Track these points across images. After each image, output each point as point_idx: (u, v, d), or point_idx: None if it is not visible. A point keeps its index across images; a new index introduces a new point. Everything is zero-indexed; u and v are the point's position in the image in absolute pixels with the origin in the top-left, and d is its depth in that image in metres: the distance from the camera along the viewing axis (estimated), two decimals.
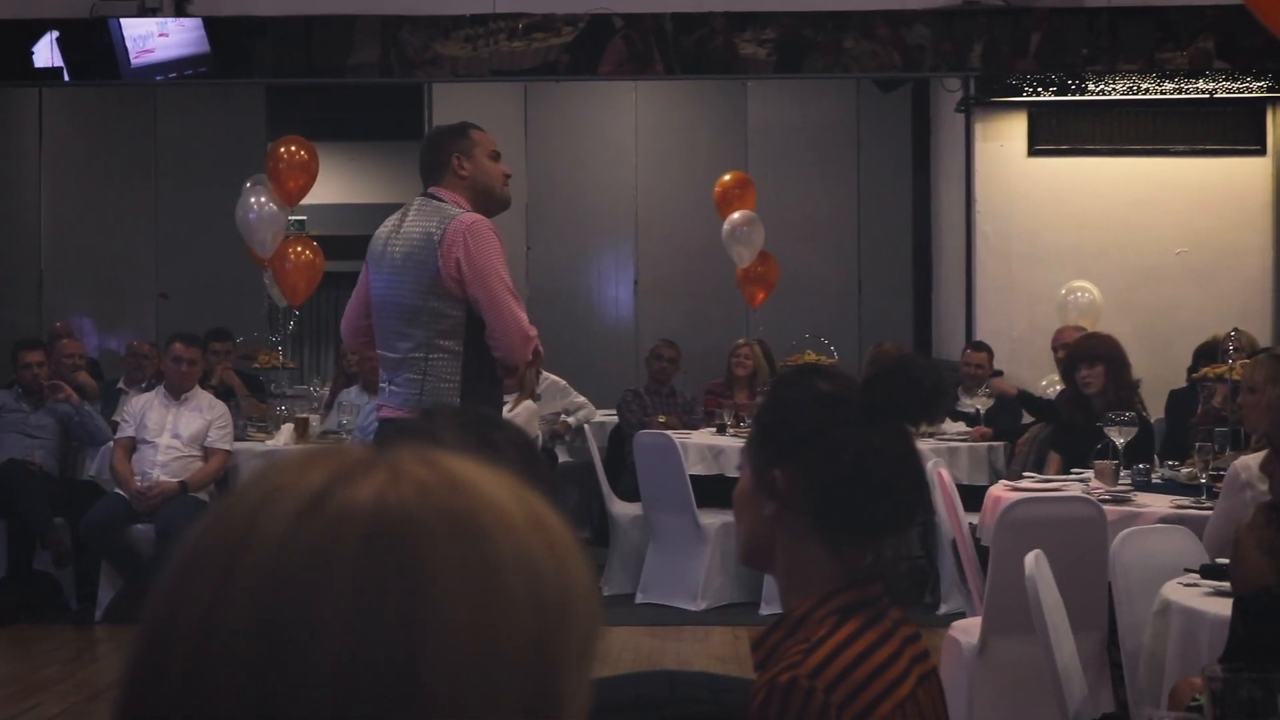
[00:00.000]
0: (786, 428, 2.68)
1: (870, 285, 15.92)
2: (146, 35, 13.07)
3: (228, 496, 1.11)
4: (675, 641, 9.82)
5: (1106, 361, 8.81)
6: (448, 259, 6.04)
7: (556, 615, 1.08)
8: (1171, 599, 5.19)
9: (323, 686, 1.00)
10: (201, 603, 1.04)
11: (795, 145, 15.93)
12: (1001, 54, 12.95)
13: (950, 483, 8.05)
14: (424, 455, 1.11)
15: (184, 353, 10.79)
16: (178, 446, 10.62)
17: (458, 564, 1.05)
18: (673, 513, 10.74)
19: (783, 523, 2.65)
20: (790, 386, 2.76)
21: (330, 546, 1.04)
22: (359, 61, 13.21)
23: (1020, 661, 6.33)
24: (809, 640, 2.53)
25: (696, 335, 14.48)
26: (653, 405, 12.38)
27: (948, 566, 9.77)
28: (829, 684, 2.44)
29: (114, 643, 9.92)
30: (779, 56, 13.11)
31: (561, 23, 13.11)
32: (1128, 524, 6.59)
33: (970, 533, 7.78)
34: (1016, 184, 13.16)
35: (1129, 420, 8.01)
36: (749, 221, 14.01)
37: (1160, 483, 8.09)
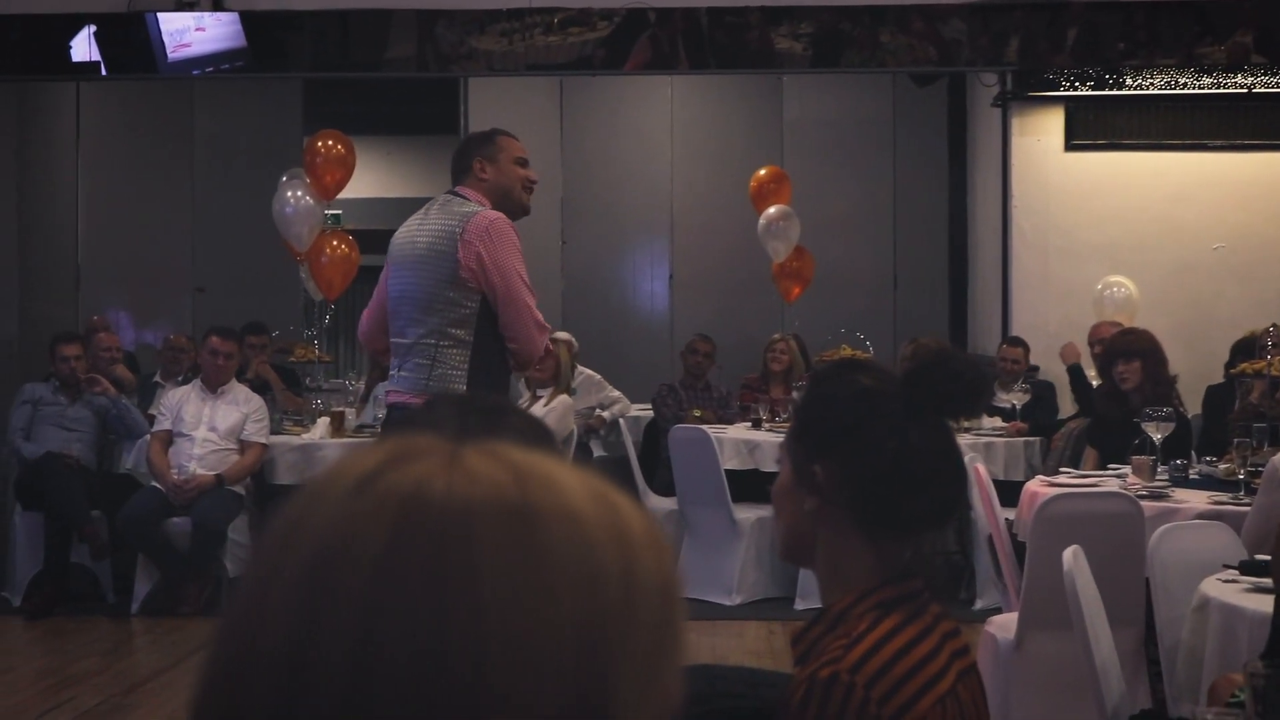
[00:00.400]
0: (826, 422, 2.67)
1: (905, 280, 15.89)
2: (183, 29, 13.10)
3: (323, 496, 1.10)
4: (710, 636, 9.81)
5: (1143, 357, 8.78)
6: (468, 252, 6.26)
7: (615, 606, 1.07)
8: (1210, 595, 5.17)
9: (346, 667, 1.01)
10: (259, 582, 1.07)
11: (831, 140, 15.91)
12: (1038, 48, 12.91)
13: (987, 478, 8.04)
14: (491, 445, 1.11)
15: (220, 346, 10.82)
16: (214, 440, 10.65)
17: (497, 548, 1.05)
18: (708, 507, 10.74)
19: (823, 518, 2.65)
20: (830, 381, 2.75)
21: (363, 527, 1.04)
22: (395, 56, 13.22)
23: (1057, 657, 6.31)
24: (849, 635, 2.53)
25: (731, 330, 14.48)
26: (688, 400, 12.38)
27: (983, 562, 9.75)
28: (869, 679, 2.43)
29: (151, 635, 9.96)
30: (815, 51, 13.09)
31: (597, 17, 13.10)
32: (1165, 520, 6.57)
33: (1007, 528, 7.76)
34: (1053, 179, 13.13)
35: (1166, 416, 7.98)
36: (785, 216, 13.99)
37: (1198, 478, 8.06)
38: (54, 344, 11.16)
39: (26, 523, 10.72)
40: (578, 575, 1.07)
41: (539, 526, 1.07)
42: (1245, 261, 12.93)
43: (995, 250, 13.58)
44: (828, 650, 2.52)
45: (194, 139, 16.13)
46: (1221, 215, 12.96)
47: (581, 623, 1.05)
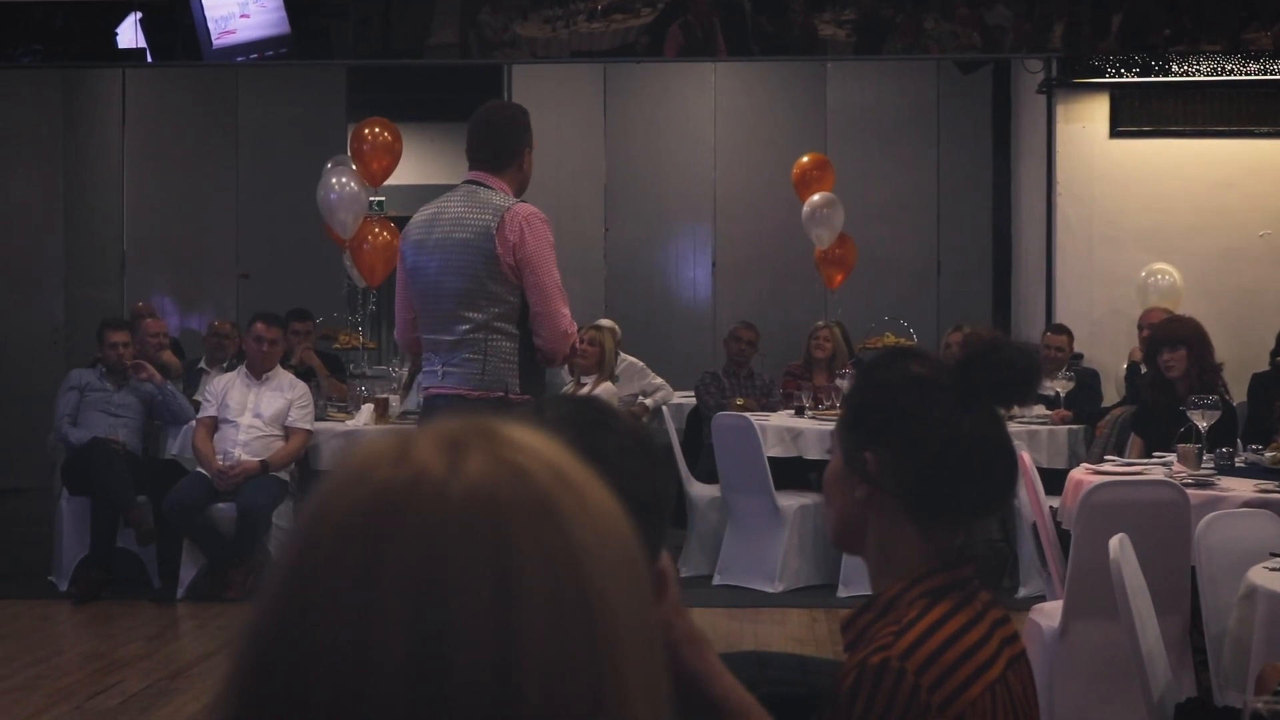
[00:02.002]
0: (879, 410, 2.67)
1: (949, 267, 15.86)
2: (228, 16, 13.15)
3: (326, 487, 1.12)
4: (753, 623, 9.82)
5: (1189, 345, 8.75)
6: (505, 246, 6.24)
7: (632, 602, 1.11)
8: (1257, 583, 5.16)
9: (485, 660, 1.03)
10: (347, 593, 1.06)
11: (874, 127, 15.88)
12: (1083, 34, 12.87)
13: (1031, 466, 8.03)
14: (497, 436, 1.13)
15: (265, 333, 10.86)
16: (259, 426, 10.68)
17: (584, 539, 1.08)
18: (751, 495, 10.74)
19: (874, 505, 2.65)
20: (882, 369, 2.74)
21: (469, 526, 1.06)
22: (438, 43, 13.24)
23: (1102, 645, 6.31)
24: (900, 622, 2.54)
25: (774, 317, 14.48)
26: (731, 387, 12.37)
27: (1026, 549, 9.74)
28: (919, 666, 2.44)
29: (196, 620, 10.01)
30: (858, 38, 13.08)
31: (640, 3, 13.11)
32: (1211, 508, 6.56)
33: (1051, 516, 7.75)
34: (1098, 166, 13.08)
35: (1211, 404, 7.96)
36: (829, 203, 13.96)
37: (1244, 466, 8.03)
38: (102, 330, 11.20)
39: (73, 508, 10.77)
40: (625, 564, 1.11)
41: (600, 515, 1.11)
42: None
43: (1039, 237, 13.54)
44: (878, 637, 2.53)
45: (238, 126, 16.19)
46: (1267, 202, 12.90)
47: (606, 614, 1.09)
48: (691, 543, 11.28)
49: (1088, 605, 6.42)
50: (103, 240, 16.02)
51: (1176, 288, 12.55)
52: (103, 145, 16.13)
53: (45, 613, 10.18)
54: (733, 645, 8.93)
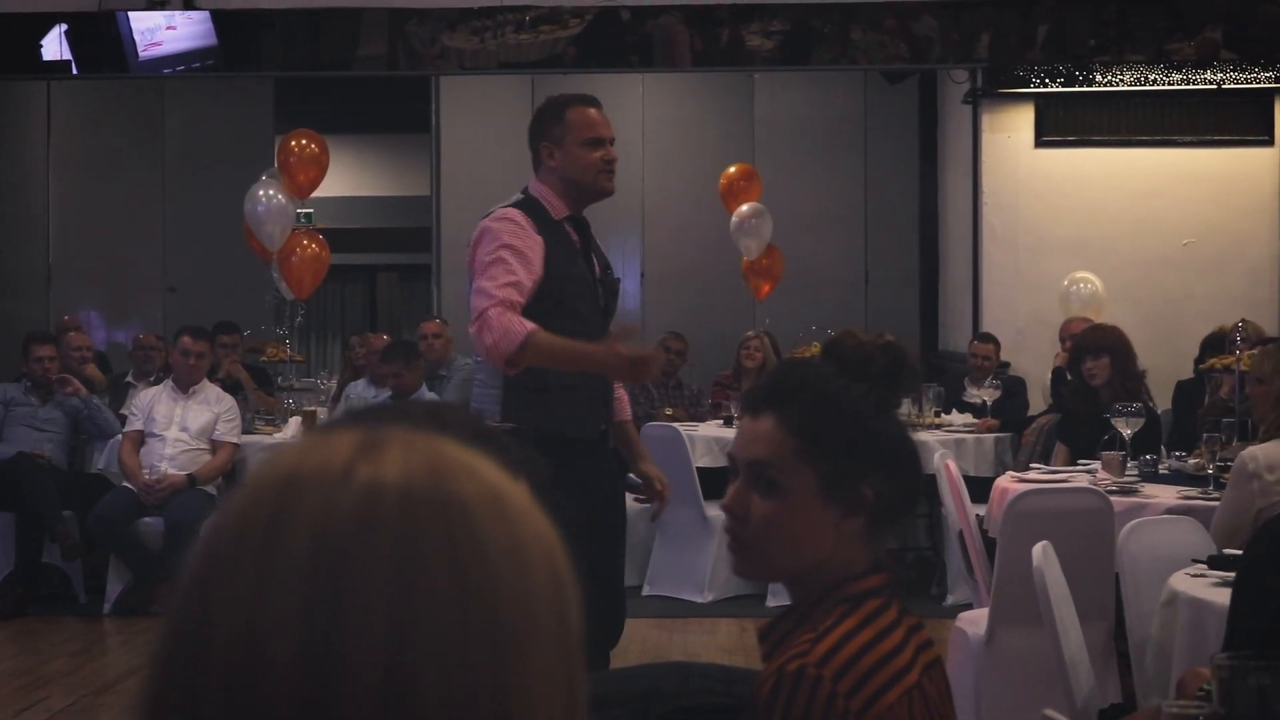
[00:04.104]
0: (867, 441, 2.63)
1: (877, 276, 15.91)
2: (154, 28, 13.09)
3: (241, 487, 1.12)
4: (682, 634, 9.83)
5: (1112, 353, 8.80)
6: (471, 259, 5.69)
7: (569, 596, 1.12)
8: (1179, 590, 5.20)
9: (376, 652, 1.03)
10: (243, 587, 1.05)
11: (802, 137, 15.92)
12: (1009, 45, 12.96)
13: (957, 474, 8.06)
14: (418, 437, 1.14)
15: (192, 346, 10.81)
16: (186, 439, 10.63)
17: (495, 539, 1.09)
18: (680, 505, 10.73)
19: (848, 531, 2.64)
20: (846, 396, 2.65)
21: (370, 518, 1.06)
22: (366, 54, 13.22)
23: (1027, 652, 6.34)
24: (816, 629, 2.54)
25: (703, 327, 14.49)
26: (660, 397, 12.38)
27: (954, 558, 9.78)
28: (836, 672, 2.44)
29: (123, 635, 9.95)
30: (786, 48, 13.12)
31: (569, 15, 13.12)
32: (1135, 515, 6.60)
33: (977, 524, 7.79)
34: (1024, 175, 13.16)
35: (1135, 411, 8.01)
36: (758, 214, 13.99)
37: (1167, 474, 8.09)
38: (27, 344, 11.13)
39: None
40: (546, 567, 1.11)
41: (513, 518, 1.11)
42: (1214, 257, 12.98)
43: (966, 246, 13.62)
44: (795, 644, 2.53)
45: (165, 138, 16.11)
46: (1191, 211, 13.00)
47: (557, 609, 1.11)
48: None
49: (1013, 612, 6.45)
50: (28, 253, 15.90)
51: (1099, 296, 12.63)
52: (28, 158, 16.02)
53: None
54: (661, 655, 8.94)
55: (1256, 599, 4.03)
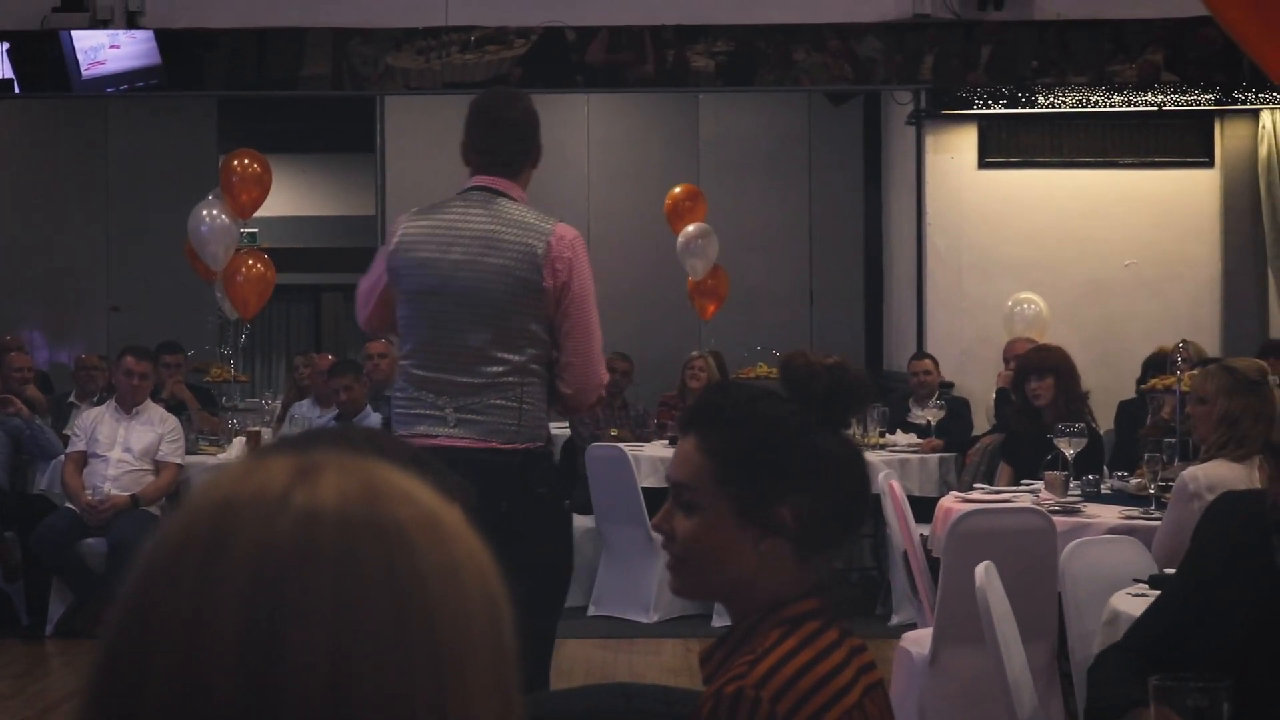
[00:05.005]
0: (785, 464, 2.64)
1: (822, 297, 15.96)
2: (98, 47, 13.03)
3: (178, 511, 1.12)
4: (628, 654, 9.83)
5: (1056, 373, 8.85)
6: (555, 278, 5.29)
7: (504, 616, 1.13)
8: (1120, 609, 5.22)
9: (318, 678, 1.03)
10: (181, 612, 1.05)
11: (747, 158, 15.96)
12: (952, 67, 13.01)
13: (901, 494, 8.08)
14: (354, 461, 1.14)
15: (135, 366, 10.75)
16: (129, 460, 10.58)
17: (433, 562, 1.09)
18: (625, 525, 10.76)
19: (770, 552, 2.64)
20: (765, 419, 2.68)
21: (308, 544, 1.06)
22: (310, 74, 13.19)
23: (971, 672, 6.36)
24: (755, 651, 2.55)
25: (649, 347, 14.48)
26: (605, 418, 12.37)
27: (899, 578, 9.80)
28: (775, 693, 2.45)
29: (65, 657, 9.89)
30: (730, 69, 13.15)
31: (514, 35, 13.12)
32: (1077, 535, 6.64)
33: (921, 544, 7.81)
34: (967, 196, 13.21)
35: (1078, 431, 8.04)
36: (704, 234, 14.02)
37: (1109, 494, 8.13)
38: None
39: None
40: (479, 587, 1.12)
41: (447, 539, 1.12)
42: (1156, 278, 13.05)
43: (910, 266, 13.66)
44: (734, 667, 2.54)
45: (108, 157, 16.05)
46: (1133, 232, 13.07)
47: (492, 628, 1.12)
48: None
49: (957, 632, 6.48)
50: None
51: (1043, 317, 12.68)
52: None
53: None
54: (607, 676, 8.94)
55: (1192, 562, 4.06)
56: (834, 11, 13.00)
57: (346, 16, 13.06)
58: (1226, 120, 13.17)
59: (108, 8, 12.98)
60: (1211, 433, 6.80)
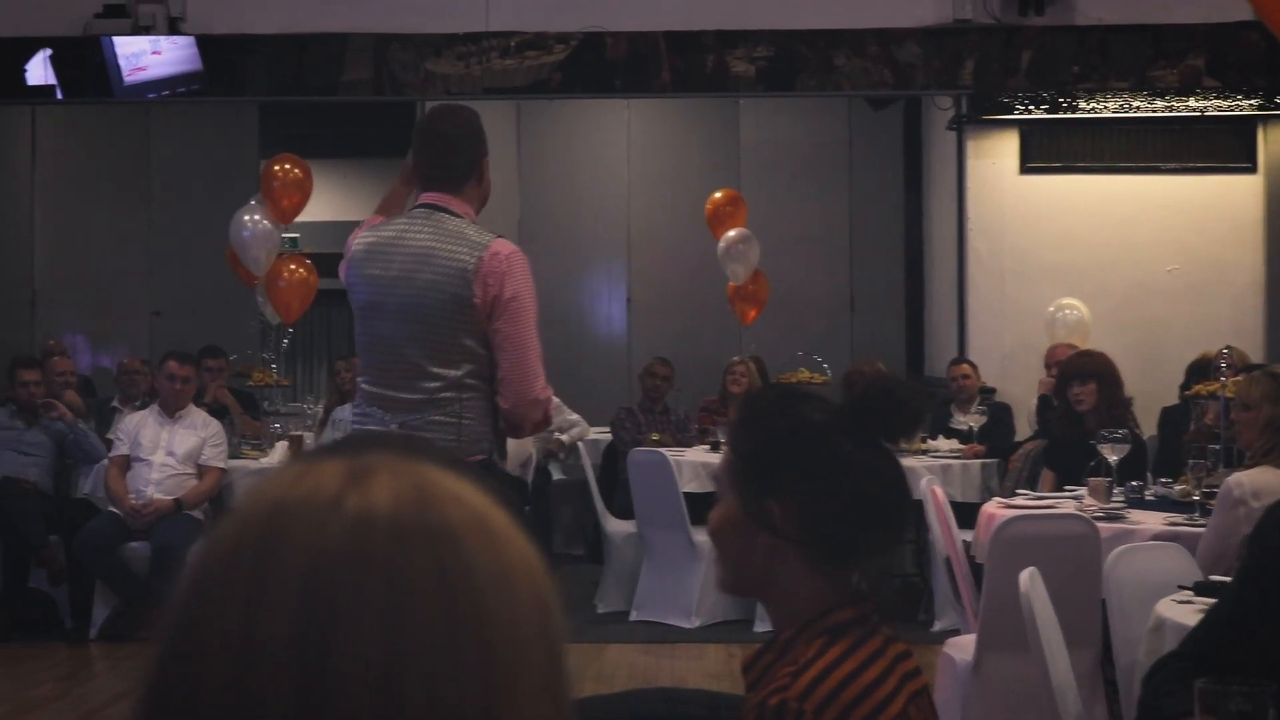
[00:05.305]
0: (782, 461, 2.66)
1: (862, 302, 15.94)
2: (139, 53, 13.09)
3: (229, 516, 1.12)
4: (670, 659, 9.82)
5: (1099, 379, 8.82)
6: (486, 292, 5.25)
7: (555, 619, 1.13)
8: (1166, 616, 5.20)
9: (370, 683, 1.03)
10: (233, 617, 1.05)
11: (787, 163, 15.96)
12: (993, 72, 12.99)
13: (944, 500, 8.06)
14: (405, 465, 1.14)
15: (178, 370, 10.79)
16: (172, 464, 10.61)
17: (484, 565, 1.09)
18: (667, 530, 10.75)
19: (775, 551, 2.65)
20: (777, 415, 2.72)
21: (361, 547, 1.06)
22: (351, 79, 13.23)
23: (1015, 678, 6.34)
24: (798, 662, 2.54)
25: (689, 352, 14.49)
26: (646, 423, 12.39)
27: (941, 584, 9.78)
28: (818, 705, 2.44)
29: (109, 660, 9.93)
30: (770, 74, 13.14)
31: (554, 41, 13.13)
32: (1121, 541, 6.61)
33: (964, 550, 7.79)
34: (1008, 201, 13.18)
35: (1122, 438, 8.01)
36: (745, 239, 14.01)
37: (1153, 500, 8.10)
38: (13, 369, 11.11)
39: None
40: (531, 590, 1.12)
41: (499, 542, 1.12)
42: (1198, 284, 13.00)
43: (951, 272, 13.64)
44: (777, 677, 2.53)
45: (150, 162, 16.11)
46: (1175, 238, 13.03)
47: (541, 631, 1.12)
48: (608, 579, 11.28)
49: (1001, 639, 6.46)
50: (13, 278, 15.88)
51: (1084, 322, 12.65)
52: (13, 183, 16.01)
53: None
54: (649, 681, 8.93)
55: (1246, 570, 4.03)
56: (874, 16, 12.99)
57: (387, 22, 13.09)
58: (1269, 125, 13.12)
59: (150, 14, 13.04)
60: (1256, 439, 6.78)
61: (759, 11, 13.01)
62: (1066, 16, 12.93)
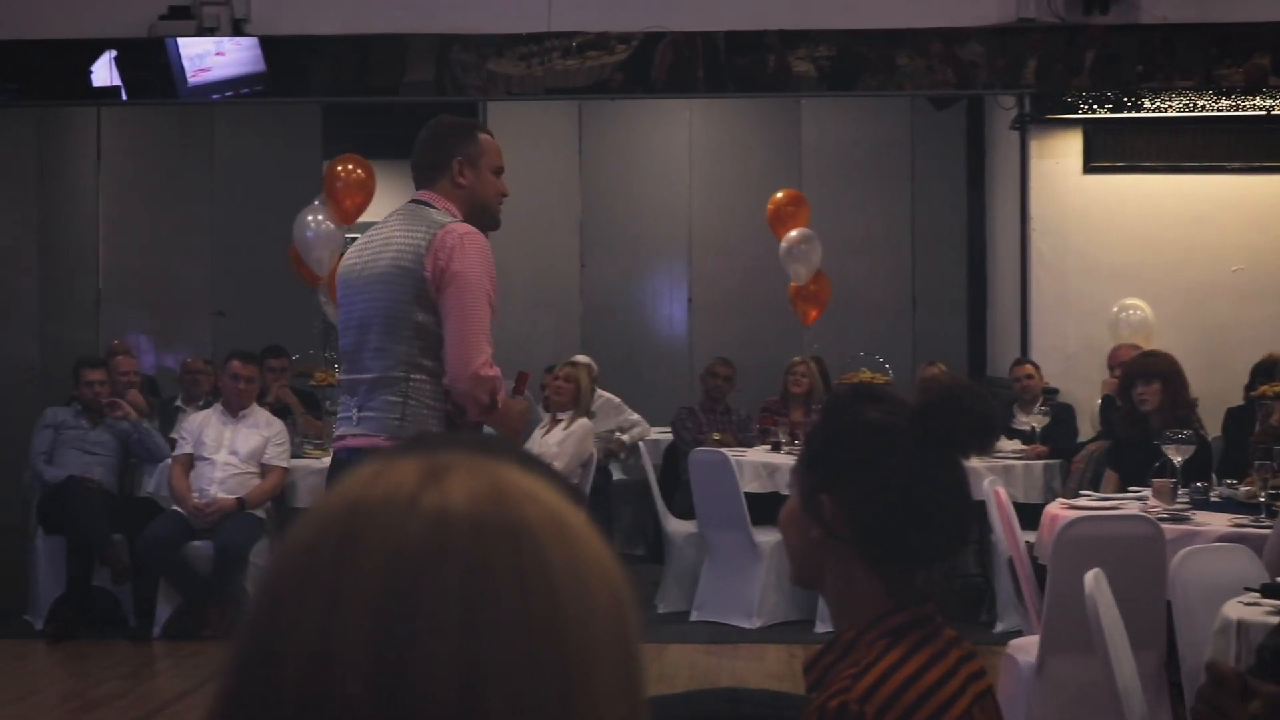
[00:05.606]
0: (836, 455, 2.67)
1: (924, 302, 15.89)
2: (203, 54, 13.15)
3: (306, 515, 1.13)
4: (731, 659, 9.81)
5: (1163, 379, 8.77)
6: (434, 266, 5.36)
7: (631, 619, 1.13)
8: (1232, 618, 5.18)
9: (449, 680, 1.03)
10: (312, 616, 1.06)
11: (849, 162, 15.92)
12: (1056, 71, 12.93)
13: (1007, 501, 8.03)
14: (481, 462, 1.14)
15: (241, 370, 10.85)
16: (235, 463, 10.66)
17: (560, 563, 1.09)
18: (728, 530, 10.74)
19: (829, 547, 2.65)
20: (840, 411, 2.74)
21: (439, 546, 1.06)
22: (413, 80, 13.27)
23: (1079, 680, 6.32)
24: (859, 664, 2.54)
25: (751, 352, 14.46)
26: (707, 423, 12.38)
27: (1004, 585, 9.74)
28: (879, 708, 2.44)
29: (172, 659, 9.98)
30: (832, 74, 13.12)
31: (615, 41, 13.14)
32: (1186, 543, 6.58)
33: (1027, 551, 7.76)
34: (1072, 201, 13.13)
35: (1187, 438, 7.96)
36: (807, 239, 13.97)
37: (1218, 501, 8.05)
38: (78, 368, 11.18)
39: (48, 546, 10.74)
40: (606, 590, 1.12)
41: (575, 541, 1.12)
42: (1264, 283, 12.91)
43: (1014, 272, 13.59)
44: (838, 679, 2.53)
45: (213, 164, 16.18)
46: (1240, 237, 12.95)
47: (616, 631, 1.12)
48: (669, 578, 11.27)
49: (1064, 640, 6.43)
50: (78, 278, 15.98)
51: (1148, 323, 12.59)
52: (78, 183, 16.10)
53: (21, 652, 10.15)
54: (710, 681, 8.93)
55: None
56: (936, 16, 12.94)
57: (449, 23, 13.12)
58: None
59: (214, 15, 13.10)
60: None
61: (820, 11, 12.99)
62: (1131, 15, 12.85)
